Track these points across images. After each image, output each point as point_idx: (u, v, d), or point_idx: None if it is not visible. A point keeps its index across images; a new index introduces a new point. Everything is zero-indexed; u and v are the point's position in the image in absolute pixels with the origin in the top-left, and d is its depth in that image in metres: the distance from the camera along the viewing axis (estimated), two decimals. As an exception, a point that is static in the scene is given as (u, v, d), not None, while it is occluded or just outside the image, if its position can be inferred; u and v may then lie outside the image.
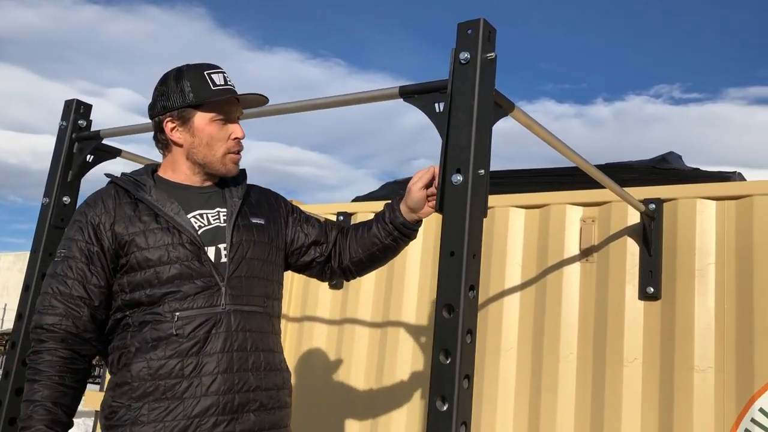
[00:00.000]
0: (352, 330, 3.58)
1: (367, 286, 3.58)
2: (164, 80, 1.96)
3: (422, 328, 3.37)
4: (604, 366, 2.85)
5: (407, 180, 4.34)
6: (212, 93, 1.90)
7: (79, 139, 2.45)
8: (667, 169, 3.57)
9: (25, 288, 2.37)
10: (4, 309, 39.40)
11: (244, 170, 2.08)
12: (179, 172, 1.97)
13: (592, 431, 2.81)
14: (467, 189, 1.57)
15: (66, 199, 2.43)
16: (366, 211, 3.71)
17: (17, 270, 46.58)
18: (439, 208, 1.62)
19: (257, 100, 2.01)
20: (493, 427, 3.01)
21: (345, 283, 3.63)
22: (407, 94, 1.76)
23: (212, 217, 1.93)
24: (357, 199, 4.47)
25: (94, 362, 1.97)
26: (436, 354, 1.53)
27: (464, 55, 1.63)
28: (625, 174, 3.51)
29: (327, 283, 3.68)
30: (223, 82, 1.93)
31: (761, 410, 2.50)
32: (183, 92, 1.90)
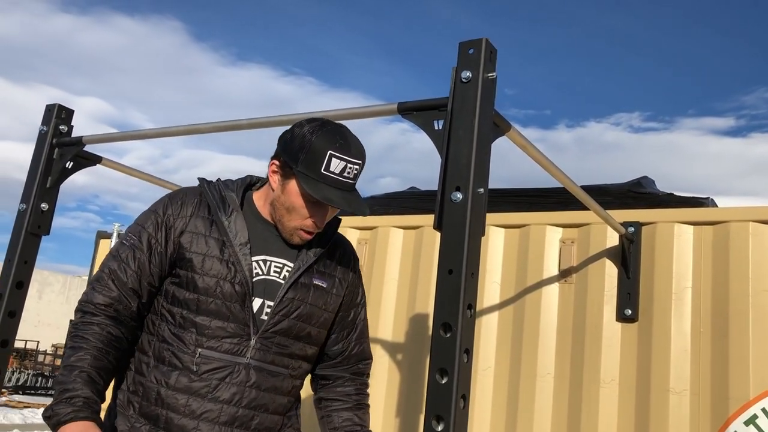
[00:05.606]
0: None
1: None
2: (300, 125, 1.82)
3: (399, 345, 3.36)
4: (581, 386, 2.87)
5: (385, 197, 4.35)
6: (315, 175, 1.74)
7: (59, 145, 2.38)
8: (642, 193, 3.63)
9: (-2, 296, 2.28)
10: (-47, 316, 38.11)
11: (339, 219, 1.97)
12: (266, 208, 1.89)
13: (568, 452, 2.83)
14: (467, 207, 1.57)
15: (44, 206, 2.36)
16: (344, 227, 3.69)
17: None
18: (438, 226, 1.61)
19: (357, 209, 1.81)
20: (468, 447, 3.00)
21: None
22: (406, 110, 1.76)
23: (275, 267, 1.85)
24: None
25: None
26: (433, 373, 1.52)
27: (466, 74, 1.63)
28: (601, 197, 3.56)
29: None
30: (338, 172, 1.74)
31: (735, 433, 2.54)
32: (298, 151, 1.76)
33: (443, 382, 1.50)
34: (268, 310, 1.81)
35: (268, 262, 1.85)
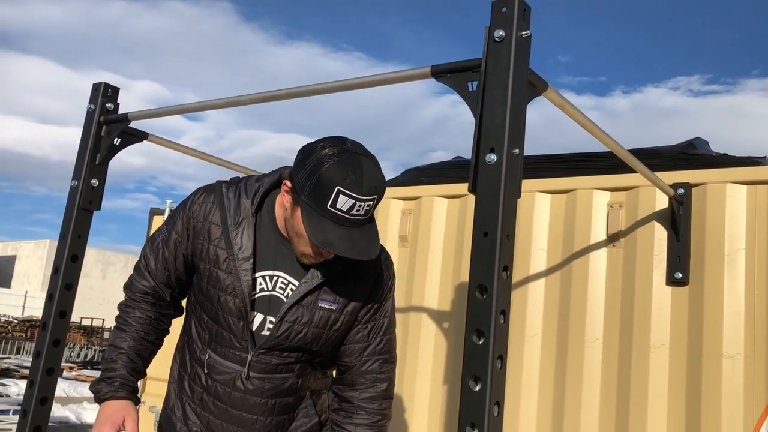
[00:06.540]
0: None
1: (390, 271, 3.57)
2: (322, 145, 1.67)
3: (445, 313, 3.36)
4: (630, 352, 2.83)
5: (429, 167, 4.33)
6: (320, 210, 1.63)
7: (107, 122, 2.45)
8: (694, 155, 3.52)
9: (55, 270, 2.37)
10: (25, 296, 40.01)
11: None
12: (281, 220, 1.82)
13: (618, 418, 2.80)
14: (501, 168, 1.55)
15: (94, 182, 2.43)
16: (386, 198, 3.70)
17: (37, 258, 47.40)
18: (473, 188, 1.60)
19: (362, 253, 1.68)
20: (516, 413, 3.00)
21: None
22: (439, 73, 1.74)
23: (281, 283, 1.81)
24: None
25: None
26: (470, 334, 1.52)
27: (499, 33, 1.60)
28: (651, 159, 3.46)
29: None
30: (345, 209, 1.62)
31: (792, 397, 2.47)
32: (307, 177, 1.63)
33: (480, 343, 1.50)
34: (270, 326, 1.80)
35: (275, 278, 1.82)
